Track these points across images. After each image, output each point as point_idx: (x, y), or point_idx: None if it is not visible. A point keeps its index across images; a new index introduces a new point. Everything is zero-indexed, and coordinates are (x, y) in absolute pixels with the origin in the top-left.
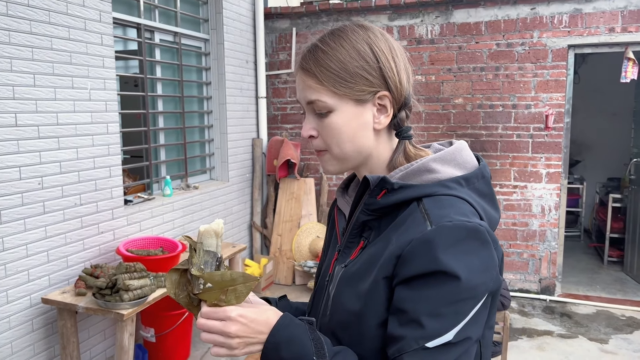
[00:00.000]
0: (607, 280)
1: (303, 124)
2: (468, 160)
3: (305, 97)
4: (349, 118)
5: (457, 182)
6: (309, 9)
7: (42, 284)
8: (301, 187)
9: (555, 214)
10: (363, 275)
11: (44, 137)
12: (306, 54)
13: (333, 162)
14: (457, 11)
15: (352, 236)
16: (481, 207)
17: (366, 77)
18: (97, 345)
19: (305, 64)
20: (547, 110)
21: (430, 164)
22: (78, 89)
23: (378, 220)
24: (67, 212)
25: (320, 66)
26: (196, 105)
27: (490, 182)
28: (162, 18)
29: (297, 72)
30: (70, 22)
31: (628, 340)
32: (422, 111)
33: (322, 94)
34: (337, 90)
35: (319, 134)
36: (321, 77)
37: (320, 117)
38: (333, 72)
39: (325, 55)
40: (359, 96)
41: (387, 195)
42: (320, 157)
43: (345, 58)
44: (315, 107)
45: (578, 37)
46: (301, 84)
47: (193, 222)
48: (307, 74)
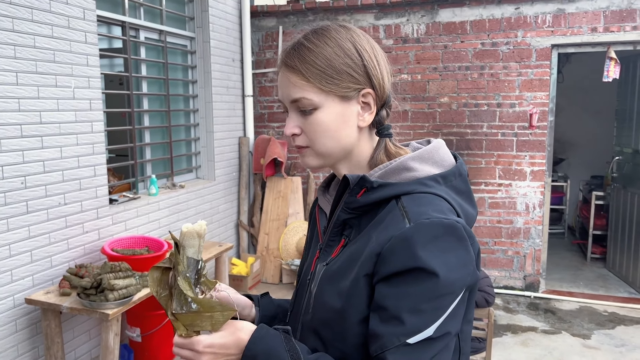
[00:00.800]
0: (590, 277)
1: (286, 122)
2: (445, 158)
3: (289, 95)
4: (334, 115)
5: (434, 180)
6: (296, 7)
7: (25, 284)
8: (288, 186)
9: (540, 211)
10: (344, 273)
11: (27, 136)
12: (290, 51)
13: (314, 158)
14: (443, 10)
15: (333, 234)
16: (458, 204)
17: (351, 74)
18: (82, 345)
19: (289, 61)
20: (531, 109)
21: (409, 162)
22: (62, 88)
23: (358, 218)
24: (51, 212)
25: (306, 63)
26: (182, 103)
27: (467, 179)
28: (147, 16)
29: (281, 69)
30: (54, 19)
31: (610, 335)
32: (408, 110)
33: (308, 91)
34: (324, 87)
35: (302, 131)
36: (307, 74)
37: (304, 115)
38: (319, 69)
39: (310, 52)
40: (345, 93)
41: (366, 193)
42: (301, 153)
43: (330, 55)
44: (300, 104)
45: (561, 37)
46: (285, 82)
47: (179, 221)
48: (292, 71)
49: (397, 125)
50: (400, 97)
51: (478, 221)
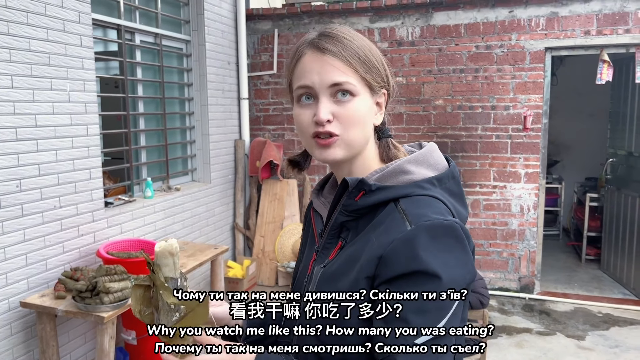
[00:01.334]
0: (585, 278)
1: (320, 107)
2: (439, 161)
3: (330, 79)
4: (367, 105)
5: (430, 182)
6: (291, 11)
7: (20, 287)
8: (284, 189)
9: (534, 213)
10: (342, 275)
11: (22, 140)
12: (323, 38)
13: (342, 148)
14: (437, 13)
15: (330, 237)
16: (452, 205)
17: (380, 70)
18: (77, 348)
19: (330, 46)
20: (526, 112)
21: (405, 165)
22: (57, 91)
23: (356, 221)
24: (46, 215)
25: (349, 50)
26: (177, 106)
27: (460, 181)
28: (142, 19)
29: (315, 54)
30: (49, 23)
31: (604, 336)
32: (403, 112)
33: (350, 77)
34: (365, 75)
35: (335, 118)
36: (351, 60)
37: (339, 102)
38: (360, 58)
39: (348, 41)
40: (375, 86)
41: (365, 196)
42: (328, 143)
43: (366, 48)
44: (343, 88)
45: (555, 40)
46: (324, 66)
47: (175, 224)
48: (334, 55)
49: (393, 127)
50: (395, 100)
51: (473, 223)
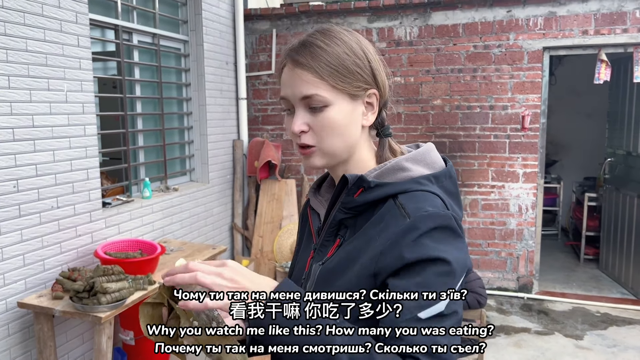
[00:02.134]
0: (583, 278)
1: (294, 119)
2: (436, 160)
3: (300, 92)
4: (343, 113)
5: (428, 179)
6: (289, 11)
7: (18, 287)
8: (282, 189)
9: (532, 213)
10: (341, 272)
11: (19, 140)
12: (299, 49)
13: (321, 157)
14: (435, 13)
15: (328, 234)
16: (449, 203)
17: (361, 74)
18: (75, 349)
19: (301, 59)
20: (524, 111)
21: (403, 162)
22: (54, 91)
23: (354, 218)
24: (44, 215)
25: (319, 61)
26: (175, 106)
27: (456, 181)
28: (140, 19)
29: (289, 66)
30: (46, 23)
31: (602, 336)
32: (401, 112)
33: (321, 88)
34: (336, 84)
35: (310, 129)
36: (320, 72)
37: (313, 112)
38: (332, 67)
39: (322, 50)
40: (355, 92)
41: (363, 193)
42: (307, 153)
43: (342, 54)
44: (312, 101)
45: (553, 40)
46: (295, 79)
47: (173, 224)
48: (304, 68)
49: (391, 127)
50: (393, 100)
51: (471, 223)
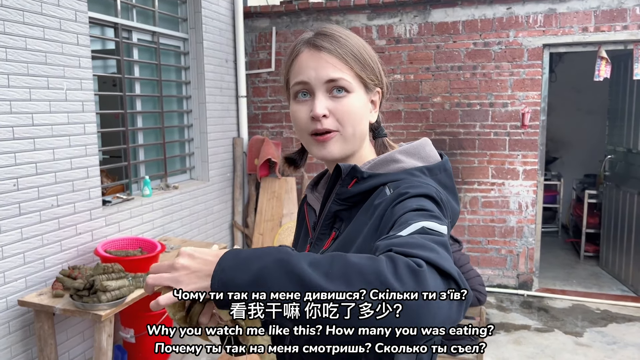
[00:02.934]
0: (583, 275)
1: (316, 102)
2: (431, 154)
3: (326, 74)
4: (362, 102)
5: (421, 171)
6: (289, 8)
7: (18, 286)
8: (282, 186)
9: (532, 210)
10: None
11: (19, 138)
12: (320, 37)
13: (340, 144)
14: (435, 11)
15: (324, 227)
16: (445, 196)
17: (374, 69)
18: (75, 347)
19: (325, 44)
20: (524, 109)
21: (396, 155)
22: (54, 90)
23: (349, 210)
24: (44, 214)
25: (344, 47)
26: (175, 104)
27: (452, 176)
28: (140, 17)
29: (311, 52)
30: (45, 21)
31: (602, 333)
32: (401, 110)
33: (346, 73)
34: (360, 72)
35: (330, 114)
36: (346, 57)
37: (335, 98)
38: (354, 55)
39: (343, 39)
40: (369, 84)
41: (357, 183)
42: (326, 139)
43: (360, 46)
44: (338, 84)
45: (553, 37)
46: (320, 62)
47: (173, 222)
48: (330, 52)
49: (391, 125)
50: (393, 97)
51: (471, 220)
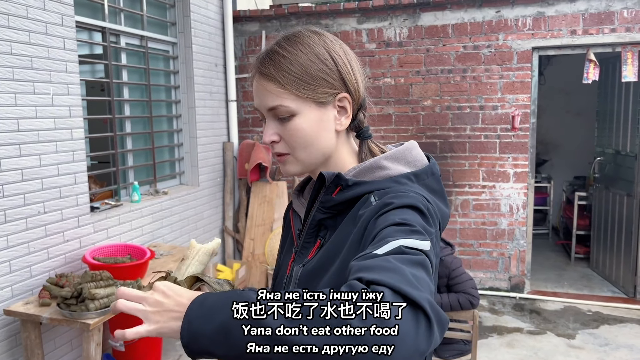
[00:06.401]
0: (574, 277)
1: (264, 130)
2: (418, 158)
3: (266, 103)
4: (311, 121)
5: (407, 178)
6: (278, 12)
7: (4, 295)
8: (273, 191)
9: (523, 212)
10: (322, 270)
11: (4, 144)
12: (264, 59)
13: (295, 165)
14: (425, 14)
15: (308, 236)
16: (433, 201)
17: (327, 80)
18: (63, 356)
19: (264, 70)
20: (514, 111)
21: (382, 161)
22: (40, 95)
23: (333, 219)
24: (30, 221)
25: (282, 70)
26: (164, 109)
27: (440, 179)
28: (128, 21)
29: (255, 77)
30: (31, 26)
31: (594, 335)
32: (392, 113)
33: (285, 99)
34: (300, 93)
35: (281, 139)
36: (283, 81)
37: (282, 122)
38: (295, 76)
39: (285, 59)
40: (321, 98)
41: (341, 191)
42: (282, 160)
43: (305, 62)
44: (278, 112)
45: (541, 40)
46: (261, 90)
47: (162, 227)
48: (268, 79)
49: (382, 128)
50: (384, 101)
51: (463, 223)
